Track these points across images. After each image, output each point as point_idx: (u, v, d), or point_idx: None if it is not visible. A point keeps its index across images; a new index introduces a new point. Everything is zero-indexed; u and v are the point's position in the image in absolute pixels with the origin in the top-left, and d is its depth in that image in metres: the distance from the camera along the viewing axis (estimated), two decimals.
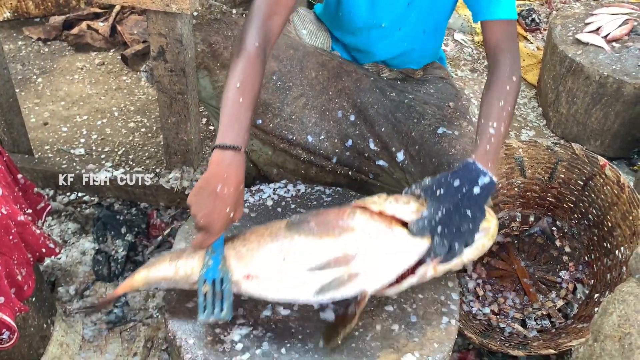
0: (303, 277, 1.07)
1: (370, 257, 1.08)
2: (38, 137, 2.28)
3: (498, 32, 1.33)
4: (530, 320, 1.75)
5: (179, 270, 1.13)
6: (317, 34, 1.68)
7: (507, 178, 1.93)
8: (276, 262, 1.08)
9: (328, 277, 1.07)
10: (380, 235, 1.09)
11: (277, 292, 1.09)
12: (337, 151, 1.59)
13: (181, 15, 1.48)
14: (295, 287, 1.08)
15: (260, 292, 1.11)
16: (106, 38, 2.83)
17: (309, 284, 1.07)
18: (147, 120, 2.40)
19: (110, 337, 1.64)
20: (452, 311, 1.23)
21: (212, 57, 1.54)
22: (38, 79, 2.65)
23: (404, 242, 1.09)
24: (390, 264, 1.09)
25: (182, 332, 1.15)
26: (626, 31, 2.45)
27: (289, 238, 1.10)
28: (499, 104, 1.24)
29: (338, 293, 1.08)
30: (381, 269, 1.09)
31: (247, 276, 1.10)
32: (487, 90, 1.29)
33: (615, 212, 1.73)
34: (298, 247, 1.09)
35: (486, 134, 1.20)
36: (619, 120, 2.31)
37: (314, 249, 1.08)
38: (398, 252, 1.09)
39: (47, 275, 1.77)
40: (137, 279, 1.17)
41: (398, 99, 1.58)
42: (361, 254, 1.07)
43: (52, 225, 1.94)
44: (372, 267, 1.08)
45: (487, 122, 1.21)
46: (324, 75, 1.59)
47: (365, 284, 1.08)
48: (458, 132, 1.49)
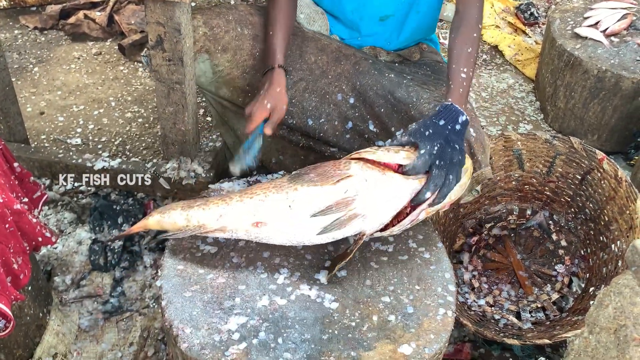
0: (308, 221, 1.19)
1: (368, 198, 1.19)
2: (34, 126, 2.27)
3: None
4: (525, 313, 1.76)
5: (190, 220, 1.22)
6: (314, 17, 1.68)
7: (505, 171, 1.93)
8: (283, 209, 1.19)
9: (330, 219, 1.18)
10: (375, 178, 1.21)
11: (283, 235, 1.21)
12: (337, 134, 1.60)
13: (180, 3, 1.47)
14: (300, 230, 1.20)
15: (268, 237, 1.22)
16: (103, 28, 2.81)
17: (313, 226, 1.19)
18: (145, 111, 2.39)
19: (107, 326, 1.64)
20: (448, 302, 1.23)
21: (214, 40, 1.54)
22: (35, 68, 2.63)
23: (398, 183, 1.22)
24: (386, 203, 1.21)
25: (179, 321, 1.15)
26: (625, 26, 2.45)
27: (292, 188, 1.21)
28: (468, 49, 1.39)
29: (339, 233, 1.20)
30: (378, 209, 1.21)
31: (256, 224, 1.20)
32: (457, 35, 1.42)
33: (612, 206, 1.73)
34: (301, 195, 1.19)
35: (458, 78, 1.35)
36: (617, 114, 2.32)
37: (317, 195, 1.19)
38: (392, 192, 1.21)
39: (44, 265, 1.77)
40: (150, 222, 1.27)
41: (396, 79, 1.58)
42: (359, 197, 1.19)
43: (49, 215, 1.93)
44: (369, 207, 1.20)
45: (459, 67, 1.36)
46: (323, 60, 1.60)
47: (363, 225, 1.21)
48: None
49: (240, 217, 1.21)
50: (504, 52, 3.00)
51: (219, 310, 1.17)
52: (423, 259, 1.33)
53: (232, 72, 1.56)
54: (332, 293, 1.23)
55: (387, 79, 1.58)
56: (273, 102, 1.40)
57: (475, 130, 1.46)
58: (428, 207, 1.25)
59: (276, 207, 1.20)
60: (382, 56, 1.69)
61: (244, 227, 1.21)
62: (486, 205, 1.97)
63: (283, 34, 1.48)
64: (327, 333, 1.15)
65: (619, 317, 1.04)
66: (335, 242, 1.31)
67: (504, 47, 3.01)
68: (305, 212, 1.19)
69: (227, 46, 1.54)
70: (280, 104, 1.41)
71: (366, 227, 1.22)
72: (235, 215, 1.21)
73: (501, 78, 2.85)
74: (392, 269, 1.30)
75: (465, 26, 1.42)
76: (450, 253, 1.87)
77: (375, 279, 1.27)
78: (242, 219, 1.21)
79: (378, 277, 1.28)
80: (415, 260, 1.32)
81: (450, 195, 1.26)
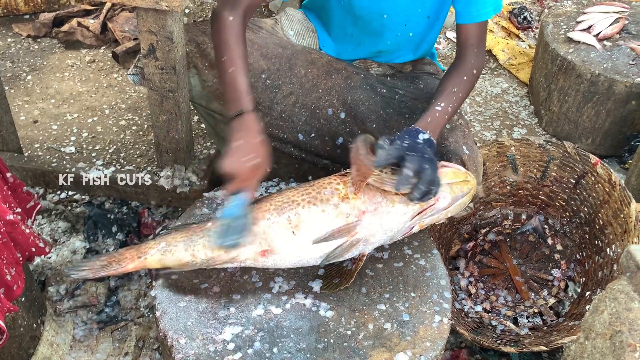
0: (311, 248, 1.21)
1: (370, 223, 1.20)
2: (28, 135, 2.26)
3: (472, 32, 1.49)
4: (522, 318, 1.76)
5: (197, 255, 1.20)
6: (304, 34, 1.68)
7: (499, 176, 1.93)
8: (287, 237, 1.20)
9: (333, 245, 1.20)
10: (377, 202, 1.21)
11: (288, 262, 1.23)
12: (328, 149, 1.59)
13: (172, 12, 1.47)
14: (305, 256, 1.22)
15: (275, 264, 1.24)
16: (97, 35, 2.80)
17: (317, 253, 1.22)
18: (139, 118, 2.38)
19: (101, 336, 1.63)
20: (444, 309, 1.23)
21: (200, 56, 1.54)
22: (28, 77, 2.62)
23: (399, 207, 1.22)
24: (388, 228, 1.22)
25: (174, 331, 1.14)
26: (617, 30, 2.46)
27: (294, 212, 1.21)
28: (452, 89, 1.41)
29: (341, 258, 1.23)
30: (380, 233, 1.22)
31: (262, 252, 1.21)
32: (447, 76, 1.46)
33: (606, 210, 1.74)
34: (303, 220, 1.20)
35: (432, 110, 1.37)
36: (610, 118, 2.32)
37: (319, 221, 1.20)
38: (394, 216, 1.22)
39: (37, 275, 1.76)
40: (150, 262, 1.22)
41: (389, 95, 1.58)
42: (362, 222, 1.20)
43: (43, 224, 1.92)
44: (371, 232, 1.21)
45: (436, 102, 1.38)
46: (314, 73, 1.59)
47: (364, 248, 1.24)
48: (449, 125, 1.50)
49: (248, 248, 1.20)
50: (498, 56, 3.01)
51: (214, 320, 1.17)
52: (418, 266, 1.33)
53: (221, 86, 1.55)
54: (328, 301, 1.23)
55: (379, 94, 1.58)
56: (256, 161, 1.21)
57: (468, 148, 1.46)
58: (422, 221, 1.26)
59: (281, 234, 1.20)
60: (374, 68, 1.68)
61: (252, 256, 1.21)
62: (481, 211, 1.97)
63: (245, 67, 1.28)
64: (323, 342, 1.14)
65: (614, 323, 1.04)
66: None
67: (498, 52, 3.02)
68: (307, 239, 1.20)
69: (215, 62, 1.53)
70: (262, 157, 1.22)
71: (367, 249, 1.25)
72: (244, 247, 1.20)
73: (495, 82, 2.86)
74: (388, 276, 1.30)
75: (458, 69, 1.46)
76: (446, 259, 1.87)
77: (370, 286, 1.27)
78: (249, 249, 1.21)
79: (373, 284, 1.28)
80: (410, 267, 1.32)
81: (448, 212, 1.28)
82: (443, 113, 1.37)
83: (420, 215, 1.25)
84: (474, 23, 1.48)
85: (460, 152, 1.43)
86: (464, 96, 1.44)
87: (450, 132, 1.49)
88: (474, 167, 1.44)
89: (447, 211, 1.29)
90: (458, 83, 1.43)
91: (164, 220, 1.92)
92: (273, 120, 1.58)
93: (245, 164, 1.19)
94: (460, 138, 1.47)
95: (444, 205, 1.26)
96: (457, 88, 1.42)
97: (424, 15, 1.54)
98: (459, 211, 1.34)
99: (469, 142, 1.48)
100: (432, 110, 1.36)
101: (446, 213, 1.29)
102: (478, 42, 1.50)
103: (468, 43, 1.49)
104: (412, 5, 1.51)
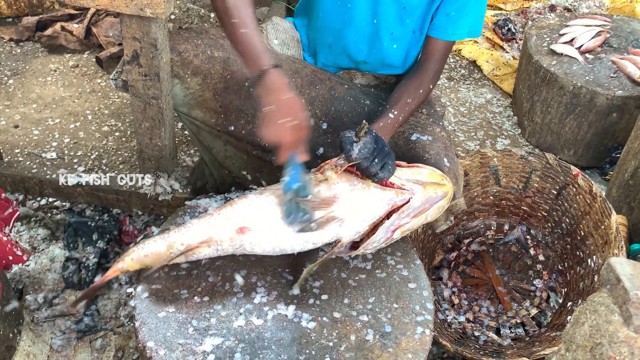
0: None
1: (346, 203, 1.22)
2: (8, 140, 2.22)
3: (440, 47, 1.52)
4: (505, 329, 1.76)
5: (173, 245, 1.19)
6: (289, 44, 1.67)
7: (482, 187, 1.94)
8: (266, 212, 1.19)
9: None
10: (354, 184, 1.24)
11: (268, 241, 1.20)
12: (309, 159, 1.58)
13: (156, 19, 1.46)
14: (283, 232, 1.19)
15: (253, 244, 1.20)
16: (81, 40, 2.77)
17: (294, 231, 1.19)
18: (122, 124, 2.35)
19: (80, 346, 1.60)
20: (426, 321, 1.22)
21: (182, 64, 1.53)
22: (9, 81, 2.58)
23: (374, 191, 1.25)
24: (363, 210, 1.23)
25: (154, 342, 1.12)
26: (599, 43, 2.50)
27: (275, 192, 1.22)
28: (407, 100, 1.46)
29: (317, 235, 1.20)
30: (355, 214, 1.22)
31: (240, 229, 1.19)
32: (404, 84, 1.50)
33: (587, 221, 1.75)
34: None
35: (386, 116, 1.42)
36: (592, 130, 2.35)
37: None
38: (369, 199, 1.24)
39: (15, 283, 1.72)
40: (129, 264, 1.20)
41: (372, 107, 1.58)
42: (339, 200, 1.21)
43: (22, 231, 1.89)
44: (347, 212, 1.21)
45: (391, 109, 1.44)
46: (297, 83, 1.58)
47: (340, 230, 1.22)
48: (432, 137, 1.50)
49: (224, 225, 1.19)
50: (482, 67, 3.04)
51: (194, 330, 1.15)
52: (401, 277, 1.32)
53: (203, 94, 1.54)
54: (310, 312, 1.22)
55: (362, 105, 1.58)
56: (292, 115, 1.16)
57: (449, 160, 1.47)
58: (400, 223, 1.27)
59: (259, 210, 1.20)
60: (357, 78, 1.68)
61: (228, 235, 1.19)
62: (464, 221, 1.98)
63: (257, 28, 1.25)
64: (304, 354, 1.13)
65: (594, 335, 1.05)
66: (313, 257, 1.30)
67: (482, 62, 3.05)
68: None
69: (197, 70, 1.51)
70: (300, 114, 1.17)
71: (343, 233, 1.23)
72: (220, 223, 1.20)
73: (479, 93, 2.88)
74: (371, 286, 1.29)
75: (416, 80, 1.50)
76: (429, 269, 1.87)
77: (353, 297, 1.27)
78: (227, 226, 1.19)
79: (356, 295, 1.27)
80: (393, 277, 1.32)
81: (427, 216, 1.30)
82: (394, 121, 1.43)
83: (398, 214, 1.26)
84: (445, 40, 1.51)
85: (441, 164, 1.44)
86: (415, 108, 1.50)
87: (432, 143, 1.49)
88: (455, 180, 1.45)
89: (426, 215, 1.30)
90: (414, 95, 1.48)
91: (146, 228, 1.89)
92: (256, 128, 1.57)
93: (285, 128, 1.15)
94: (441, 150, 1.48)
95: (417, 204, 1.28)
96: (412, 99, 1.47)
97: (410, 29, 1.55)
98: (438, 215, 1.36)
99: (450, 154, 1.49)
100: (385, 116, 1.42)
101: (425, 217, 1.30)
102: (441, 59, 1.53)
103: (433, 57, 1.52)
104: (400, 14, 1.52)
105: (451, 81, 2.98)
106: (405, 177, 1.30)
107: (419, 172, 1.32)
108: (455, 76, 3.02)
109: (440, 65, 1.54)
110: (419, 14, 1.52)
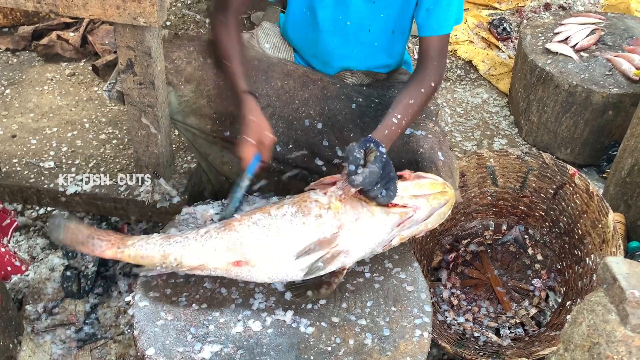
0: (289, 261, 1.18)
1: (351, 234, 1.19)
2: (6, 150, 2.23)
3: (433, 44, 1.51)
4: (504, 329, 1.76)
5: (168, 257, 1.19)
6: (280, 47, 1.68)
7: (479, 187, 1.94)
8: (264, 249, 1.17)
9: (314, 257, 1.18)
10: (357, 212, 1.21)
11: (265, 275, 1.20)
12: (306, 159, 1.59)
13: (149, 27, 1.46)
14: (284, 270, 1.19)
15: (250, 277, 1.20)
16: (77, 48, 2.78)
17: (296, 265, 1.18)
18: (119, 132, 2.36)
19: (80, 355, 1.61)
20: (425, 324, 1.23)
21: (175, 72, 1.53)
22: (6, 91, 2.59)
23: (379, 217, 1.22)
24: (369, 238, 1.21)
25: (153, 350, 1.13)
26: (593, 41, 2.50)
27: (274, 226, 1.19)
28: (409, 101, 1.44)
29: (323, 271, 1.19)
30: (361, 244, 1.21)
31: (236, 263, 1.18)
32: (406, 86, 1.48)
33: (585, 220, 1.75)
34: (283, 232, 1.18)
35: (389, 121, 1.39)
36: (588, 128, 2.35)
37: (299, 233, 1.18)
38: (374, 226, 1.21)
39: (14, 293, 1.72)
40: (126, 257, 1.22)
41: (365, 104, 1.59)
42: (342, 232, 1.19)
43: (20, 241, 1.89)
44: (352, 243, 1.20)
45: (394, 113, 1.41)
46: (290, 85, 1.59)
47: (346, 260, 1.21)
48: (425, 131, 1.52)
49: (220, 255, 1.18)
50: (478, 67, 3.04)
51: (193, 338, 1.16)
52: (399, 279, 1.33)
53: (197, 101, 1.55)
54: (308, 317, 1.22)
55: (355, 103, 1.59)
56: (254, 135, 1.37)
57: (443, 154, 1.47)
58: (401, 233, 1.26)
59: (258, 245, 1.18)
60: (348, 78, 1.69)
61: (223, 266, 1.19)
62: (462, 222, 1.98)
63: (238, 57, 1.47)
64: (303, 359, 1.14)
65: (592, 335, 1.05)
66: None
67: (478, 62, 3.05)
68: (288, 252, 1.17)
69: (190, 77, 1.53)
70: (263, 133, 1.38)
71: (348, 261, 1.22)
72: (216, 254, 1.18)
73: (475, 93, 2.89)
74: (368, 290, 1.30)
75: (417, 81, 1.48)
76: (428, 271, 1.88)
77: (351, 301, 1.27)
78: (223, 257, 1.18)
79: (354, 299, 1.27)
80: (391, 280, 1.32)
81: (427, 224, 1.29)
82: (398, 126, 1.40)
83: (400, 227, 1.25)
84: (435, 36, 1.50)
85: (435, 159, 1.44)
86: (419, 109, 1.47)
87: (425, 138, 1.51)
88: (450, 173, 1.45)
89: (427, 222, 1.30)
90: (415, 95, 1.45)
91: None
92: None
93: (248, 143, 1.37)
94: (435, 144, 1.49)
95: (422, 217, 1.27)
96: (414, 100, 1.44)
97: (389, 28, 1.56)
98: (440, 222, 1.34)
99: (444, 148, 1.49)
100: (389, 122, 1.39)
101: (425, 224, 1.30)
102: (438, 55, 1.51)
103: (428, 56, 1.51)
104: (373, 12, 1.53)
105: (447, 82, 2.98)
106: (408, 194, 1.27)
107: (420, 185, 1.29)
108: (452, 77, 3.03)
109: (439, 62, 1.52)
110: (395, 12, 1.53)
